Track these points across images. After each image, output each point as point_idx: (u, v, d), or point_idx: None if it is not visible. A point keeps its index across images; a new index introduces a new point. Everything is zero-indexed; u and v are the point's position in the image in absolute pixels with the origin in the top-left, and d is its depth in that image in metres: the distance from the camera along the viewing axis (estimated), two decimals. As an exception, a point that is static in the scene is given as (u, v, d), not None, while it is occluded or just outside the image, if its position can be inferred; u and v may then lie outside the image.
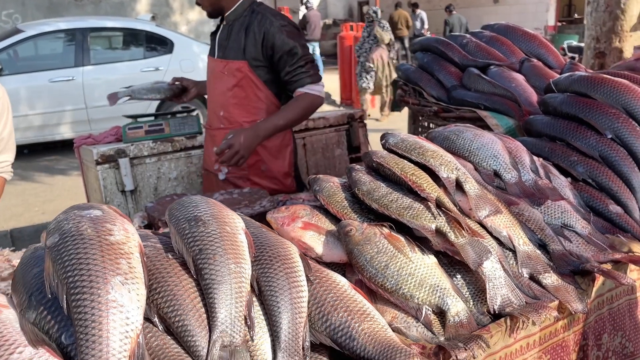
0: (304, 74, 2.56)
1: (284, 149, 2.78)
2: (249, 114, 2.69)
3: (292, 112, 2.59)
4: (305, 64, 2.56)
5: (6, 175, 2.24)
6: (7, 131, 2.19)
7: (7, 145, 2.21)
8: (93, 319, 0.90)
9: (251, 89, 2.64)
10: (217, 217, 1.19)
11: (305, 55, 2.56)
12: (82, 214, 1.06)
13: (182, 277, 1.08)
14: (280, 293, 1.12)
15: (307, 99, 2.58)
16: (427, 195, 1.40)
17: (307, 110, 2.63)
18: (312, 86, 2.58)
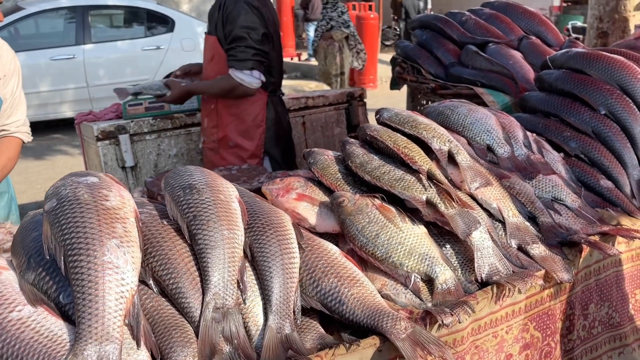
0: (231, 57, 2.58)
1: (254, 129, 2.80)
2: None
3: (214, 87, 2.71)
4: (235, 47, 2.55)
5: (22, 136, 2.20)
6: (19, 89, 2.20)
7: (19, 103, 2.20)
8: (90, 279, 0.94)
9: (221, 64, 2.68)
10: (211, 185, 1.21)
11: (239, 39, 2.54)
12: (79, 180, 1.09)
13: (176, 242, 1.12)
14: (272, 259, 1.15)
15: (227, 81, 2.63)
16: (418, 167, 1.43)
17: (225, 90, 2.66)
18: (235, 71, 2.59)
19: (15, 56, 2.21)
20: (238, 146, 2.80)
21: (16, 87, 2.20)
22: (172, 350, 0.97)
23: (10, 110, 2.19)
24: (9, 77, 2.16)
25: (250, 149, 2.81)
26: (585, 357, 1.49)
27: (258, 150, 2.83)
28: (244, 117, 2.75)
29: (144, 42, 8.32)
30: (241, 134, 2.77)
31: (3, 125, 2.18)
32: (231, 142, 2.81)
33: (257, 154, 2.83)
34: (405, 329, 1.08)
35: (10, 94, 2.18)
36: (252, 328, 1.09)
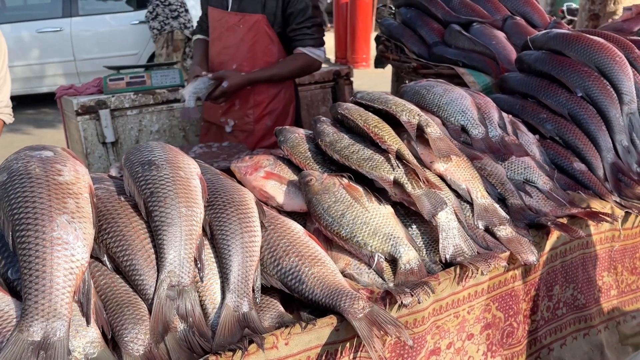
0: (308, 35, 2.59)
1: (288, 106, 2.79)
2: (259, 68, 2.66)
3: (286, 68, 2.63)
4: (311, 26, 2.59)
5: (4, 117, 2.21)
6: (2, 73, 2.16)
7: (2, 89, 2.18)
8: (37, 255, 0.92)
9: (265, 43, 2.64)
10: (172, 161, 1.19)
11: (314, 18, 2.58)
12: (32, 154, 1.07)
13: (132, 219, 1.10)
14: (232, 237, 1.14)
15: (304, 59, 2.62)
16: (387, 146, 1.41)
17: (302, 70, 2.68)
18: (313, 49, 2.61)
19: (1, 34, 2.15)
20: (277, 123, 2.74)
21: (3, 67, 2.15)
22: (123, 327, 0.96)
23: None
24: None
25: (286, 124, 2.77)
26: (550, 338, 1.50)
27: (292, 124, 2.78)
28: (281, 93, 2.72)
29: (133, 16, 8.16)
30: (281, 110, 2.74)
31: None
32: (268, 121, 2.76)
33: None
34: (362, 309, 1.07)
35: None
36: (208, 306, 1.08)
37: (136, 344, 0.95)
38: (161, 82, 3.44)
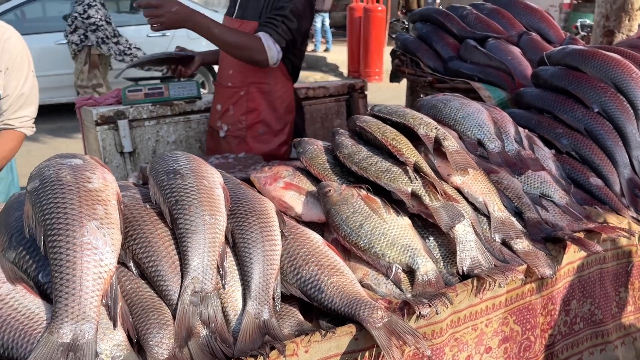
0: (272, 26, 2.45)
1: (286, 116, 2.78)
2: (254, 75, 2.67)
3: (231, 35, 2.43)
4: (281, 22, 2.45)
5: (26, 130, 2.25)
6: (28, 85, 2.20)
7: (28, 99, 2.22)
8: (68, 259, 0.95)
9: None
10: (196, 171, 1.22)
11: (287, 19, 2.46)
12: (63, 162, 1.10)
13: (157, 226, 1.13)
14: (253, 245, 1.16)
15: (254, 39, 2.43)
16: (405, 159, 1.43)
17: (244, 47, 2.44)
18: (268, 38, 2.44)
19: (25, 50, 2.19)
20: (270, 133, 2.75)
21: (24, 82, 2.19)
22: (148, 331, 0.99)
23: (16, 106, 2.19)
24: (13, 71, 2.14)
25: (283, 137, 2.78)
26: (566, 353, 1.50)
27: (288, 138, 2.79)
28: (276, 103, 2.70)
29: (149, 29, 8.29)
30: (276, 121, 2.72)
31: (8, 119, 2.19)
32: (261, 129, 2.74)
33: (287, 142, 2.79)
34: (381, 318, 1.09)
35: (15, 89, 2.17)
36: (230, 313, 1.10)
37: (161, 348, 0.97)
38: (178, 94, 3.50)
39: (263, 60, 2.48)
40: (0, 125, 2.21)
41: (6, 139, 2.19)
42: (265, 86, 2.70)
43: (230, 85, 2.81)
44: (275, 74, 2.68)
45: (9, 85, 2.15)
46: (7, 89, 2.15)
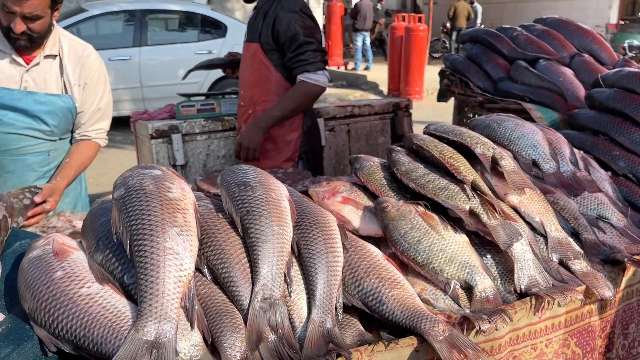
0: (303, 62, 2.62)
1: (291, 133, 2.84)
2: (260, 94, 2.81)
3: (288, 102, 2.67)
4: (304, 52, 2.61)
5: (101, 141, 2.41)
6: (104, 101, 2.36)
7: (104, 114, 2.39)
8: (152, 263, 1.02)
9: (262, 71, 2.76)
10: (264, 184, 1.29)
11: (306, 44, 2.61)
12: (144, 172, 1.18)
13: (230, 235, 1.19)
14: (317, 256, 1.21)
15: (302, 88, 2.65)
16: (463, 177, 1.46)
17: (303, 98, 2.69)
18: (309, 74, 2.63)
19: (102, 67, 2.35)
20: (275, 150, 2.85)
21: (100, 98, 2.34)
22: (222, 334, 1.04)
23: (93, 119, 2.34)
24: (91, 86, 2.30)
25: (288, 153, 2.86)
26: (624, 377, 1.48)
27: (294, 154, 2.88)
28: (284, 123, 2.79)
29: (197, 46, 8.58)
30: (279, 137, 2.81)
31: (86, 131, 2.35)
32: (267, 146, 2.85)
33: (293, 158, 2.88)
34: (443, 331, 1.12)
35: (92, 104, 2.32)
36: (295, 320, 1.15)
37: (234, 350, 1.03)
38: (229, 110, 3.62)
39: (319, 92, 2.68)
40: (78, 137, 2.37)
41: (83, 147, 2.35)
42: (269, 104, 2.80)
43: (242, 104, 2.98)
44: (280, 91, 2.78)
45: (86, 100, 2.30)
46: (84, 104, 2.30)
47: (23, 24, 2.05)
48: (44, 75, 2.24)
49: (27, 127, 2.25)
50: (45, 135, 2.30)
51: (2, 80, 2.18)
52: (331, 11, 13.79)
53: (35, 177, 2.34)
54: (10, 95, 2.19)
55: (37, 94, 2.23)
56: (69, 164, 2.30)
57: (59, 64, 2.27)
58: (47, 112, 2.25)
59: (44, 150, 2.34)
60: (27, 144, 2.29)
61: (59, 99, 2.27)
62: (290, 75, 2.71)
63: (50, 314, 1.00)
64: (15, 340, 0.99)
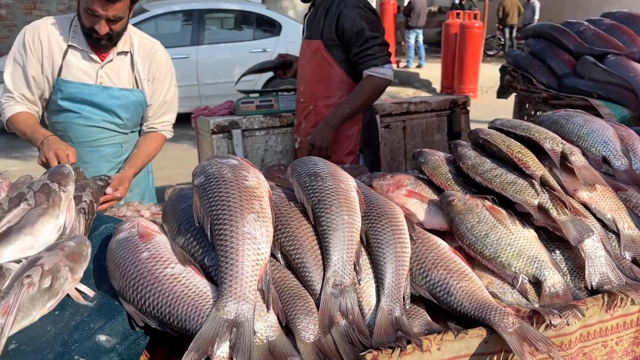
0: (370, 57, 2.65)
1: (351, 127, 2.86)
2: (321, 90, 2.86)
3: (357, 98, 2.71)
4: (371, 47, 2.65)
5: (167, 133, 2.54)
6: (170, 94, 2.49)
7: (170, 107, 2.51)
8: (232, 246, 1.07)
9: (324, 67, 2.81)
10: (334, 174, 1.32)
11: (373, 38, 2.64)
12: (222, 162, 1.24)
13: (302, 222, 1.23)
14: (386, 246, 1.23)
15: (370, 82, 2.68)
16: (532, 172, 1.45)
17: (371, 93, 2.72)
18: (376, 69, 2.66)
19: (169, 62, 2.48)
20: (336, 143, 2.88)
21: (166, 91, 2.46)
22: (296, 317, 1.09)
23: (159, 112, 2.47)
24: (159, 80, 2.43)
25: (349, 146, 2.89)
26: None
27: (355, 148, 2.91)
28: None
29: (252, 45, 8.75)
30: (341, 131, 2.84)
31: (153, 124, 2.49)
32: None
33: (354, 152, 2.91)
34: (513, 324, 1.12)
35: (159, 97, 2.44)
36: (365, 307, 1.18)
37: (307, 332, 1.07)
38: (287, 106, 3.69)
39: (386, 86, 2.71)
40: (145, 129, 2.49)
41: (150, 138, 2.48)
42: (331, 99, 2.85)
43: (302, 100, 3.03)
44: (342, 87, 2.81)
45: (154, 93, 2.42)
46: (152, 97, 2.43)
47: (107, 25, 2.17)
48: (117, 71, 2.37)
49: (103, 120, 2.39)
50: (119, 128, 2.44)
51: (80, 77, 2.32)
52: (384, 9, 13.70)
53: (109, 167, 2.48)
54: (88, 90, 2.33)
55: (111, 89, 2.36)
56: (136, 155, 2.42)
57: (130, 60, 2.39)
58: (120, 106, 2.38)
59: (117, 142, 2.48)
60: (103, 136, 2.43)
61: (131, 93, 2.40)
62: (351, 70, 2.74)
63: (138, 291, 1.07)
64: (107, 314, 1.06)
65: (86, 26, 2.20)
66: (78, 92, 2.32)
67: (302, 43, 2.98)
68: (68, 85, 2.30)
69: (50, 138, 2.18)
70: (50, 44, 2.27)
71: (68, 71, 2.29)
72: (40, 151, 2.16)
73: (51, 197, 1.27)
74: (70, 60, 2.30)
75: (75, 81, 2.30)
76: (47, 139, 2.16)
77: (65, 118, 2.36)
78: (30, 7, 11.24)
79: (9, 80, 2.25)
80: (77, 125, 2.37)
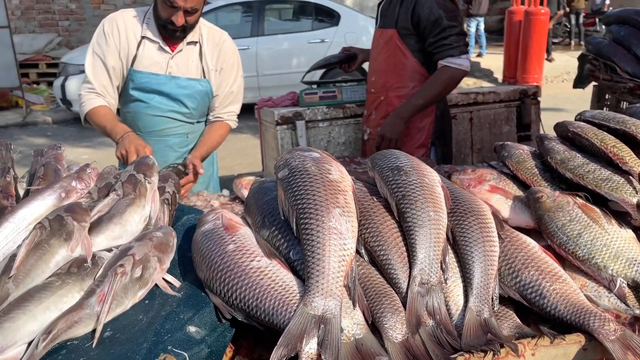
0: (446, 46, 2.56)
1: (423, 119, 2.78)
2: (394, 81, 2.78)
3: (431, 90, 2.62)
4: (448, 36, 2.56)
5: (232, 123, 2.58)
6: (237, 84, 2.53)
7: (236, 97, 2.55)
8: (318, 241, 1.05)
9: (398, 56, 2.73)
10: (417, 169, 1.28)
11: (450, 27, 2.55)
12: (304, 154, 1.22)
13: (385, 218, 1.20)
14: (474, 244, 1.18)
15: (445, 73, 2.59)
16: (629, 168, 1.35)
17: (446, 84, 2.63)
18: (453, 59, 2.57)
19: (236, 53, 2.51)
20: (407, 136, 2.81)
21: (233, 81, 2.50)
22: (383, 315, 1.06)
23: (226, 102, 2.51)
24: (226, 70, 2.46)
25: (420, 139, 2.82)
26: None
27: (426, 140, 2.83)
28: None
29: (311, 35, 8.74)
30: (412, 123, 2.76)
31: (219, 113, 2.53)
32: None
33: (425, 144, 2.84)
34: (615, 331, 1.05)
35: (226, 87, 2.48)
36: (452, 307, 1.13)
37: (395, 332, 1.04)
38: (351, 97, 3.65)
39: (462, 77, 2.62)
40: (212, 119, 2.53)
41: (216, 127, 2.52)
42: (403, 90, 2.77)
43: (373, 91, 2.95)
44: (415, 77, 2.73)
45: (221, 84, 2.46)
46: (219, 87, 2.46)
47: (183, 17, 2.21)
48: (186, 61, 2.42)
49: (170, 109, 2.44)
50: (185, 118, 2.49)
51: (150, 66, 2.37)
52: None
53: (175, 157, 2.53)
54: (157, 80, 2.39)
55: (179, 79, 2.41)
56: (202, 142, 2.47)
57: (199, 50, 2.43)
58: (187, 95, 2.43)
59: (183, 132, 2.53)
60: (170, 125, 2.49)
61: (198, 83, 2.44)
62: (426, 60, 2.67)
63: (225, 283, 1.07)
64: (195, 305, 1.07)
65: (163, 17, 2.25)
66: (148, 81, 2.38)
67: (375, 32, 2.91)
68: (139, 75, 2.36)
69: (130, 134, 2.26)
70: (127, 35, 2.33)
71: (140, 62, 2.35)
72: (119, 144, 2.23)
73: (137, 188, 1.30)
74: (144, 51, 2.35)
75: (146, 71, 2.36)
76: (127, 134, 2.24)
77: (135, 108, 2.43)
78: (98, 1, 11.71)
79: (90, 72, 2.33)
80: (146, 114, 2.44)
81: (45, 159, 1.42)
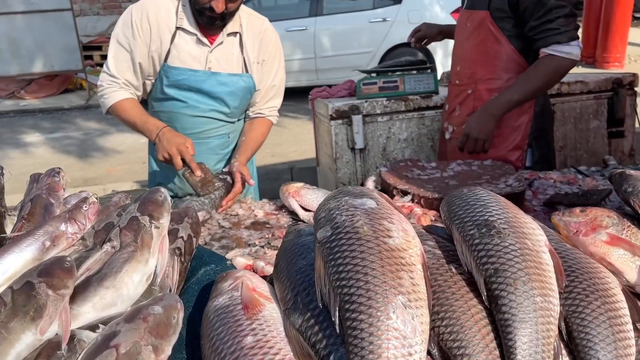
0: (551, 31, 2.11)
1: (520, 116, 2.35)
2: (484, 71, 2.35)
3: (530, 83, 2.18)
4: (555, 18, 2.10)
5: (273, 119, 2.32)
6: (279, 77, 2.25)
7: (278, 91, 2.28)
8: (371, 349, 0.72)
9: (490, 43, 2.29)
10: (514, 225, 0.91)
11: (557, 8, 2.10)
12: (355, 204, 0.88)
13: (470, 303, 0.84)
14: (601, 347, 0.81)
15: (549, 63, 2.14)
16: None
17: (550, 76, 2.19)
18: (559, 46, 2.12)
19: (278, 42, 2.23)
20: (500, 136, 2.37)
21: (275, 74, 2.23)
22: None
23: (267, 97, 2.25)
24: (268, 63, 2.20)
25: (515, 140, 2.38)
26: None
27: (522, 142, 2.39)
28: None
29: (371, 14, 8.26)
30: (505, 122, 2.33)
31: (260, 109, 2.27)
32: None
33: (521, 146, 2.39)
34: None
35: (268, 80, 2.22)
36: None
37: None
38: (414, 88, 3.25)
39: (570, 68, 2.19)
40: (252, 115, 2.26)
41: (257, 124, 2.26)
42: (495, 82, 2.33)
43: (458, 83, 2.51)
44: (510, 67, 2.28)
45: (263, 77, 2.19)
46: (262, 81, 2.19)
47: (224, 3, 1.93)
48: (226, 54, 2.14)
49: (211, 109, 2.18)
50: (227, 117, 2.24)
51: (188, 62, 2.09)
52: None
53: (216, 160, 2.28)
54: (195, 76, 2.11)
55: (220, 75, 2.13)
56: (245, 142, 2.22)
57: (239, 41, 2.15)
58: (229, 93, 2.16)
59: (224, 133, 2.28)
60: (211, 127, 2.23)
61: (240, 79, 2.16)
62: (524, 47, 2.23)
63: (238, 397, 0.76)
64: None
65: (201, 3, 1.96)
66: (185, 79, 2.10)
67: (462, 14, 2.46)
68: (174, 71, 2.09)
69: (165, 130, 2.01)
70: (159, 26, 2.05)
71: (176, 56, 2.07)
72: (158, 146, 2.00)
73: (140, 236, 1.01)
74: (179, 44, 2.07)
75: (182, 67, 2.08)
76: (162, 132, 2.00)
77: (171, 107, 2.17)
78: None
79: (113, 64, 2.07)
80: (184, 115, 2.17)
81: (37, 191, 1.15)
